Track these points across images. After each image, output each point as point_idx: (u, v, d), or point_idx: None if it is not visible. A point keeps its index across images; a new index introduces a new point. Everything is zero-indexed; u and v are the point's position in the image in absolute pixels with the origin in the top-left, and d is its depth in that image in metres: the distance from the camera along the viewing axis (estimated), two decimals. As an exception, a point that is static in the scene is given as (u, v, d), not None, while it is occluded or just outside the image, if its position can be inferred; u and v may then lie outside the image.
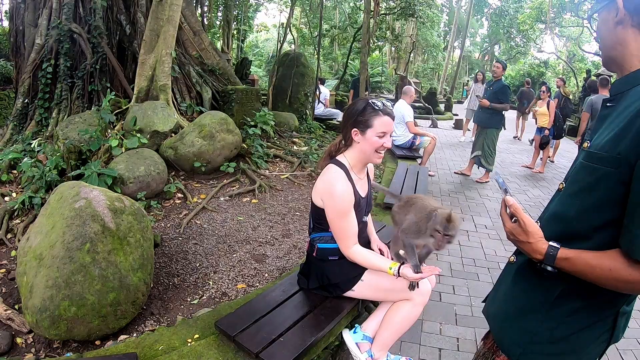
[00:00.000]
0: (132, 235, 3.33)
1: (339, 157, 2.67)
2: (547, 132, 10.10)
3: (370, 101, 2.56)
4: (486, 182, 8.70)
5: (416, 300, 2.62)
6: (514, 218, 1.52)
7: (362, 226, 2.76)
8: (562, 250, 1.42)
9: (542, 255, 1.45)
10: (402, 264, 2.47)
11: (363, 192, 2.71)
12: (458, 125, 17.37)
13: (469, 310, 3.94)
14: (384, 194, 5.84)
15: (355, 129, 2.55)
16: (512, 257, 1.72)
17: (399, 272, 2.43)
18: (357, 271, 2.69)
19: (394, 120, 2.62)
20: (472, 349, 3.38)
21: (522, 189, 8.57)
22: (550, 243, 1.45)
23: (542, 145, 10.23)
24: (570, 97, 14.66)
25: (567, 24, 36.12)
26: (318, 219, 2.68)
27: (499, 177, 1.72)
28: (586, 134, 1.55)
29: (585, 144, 1.48)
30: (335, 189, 2.49)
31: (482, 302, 1.93)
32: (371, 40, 13.43)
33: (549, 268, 1.45)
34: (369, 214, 2.94)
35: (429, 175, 8.55)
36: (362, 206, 2.69)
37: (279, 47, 13.78)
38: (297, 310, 2.72)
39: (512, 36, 44.95)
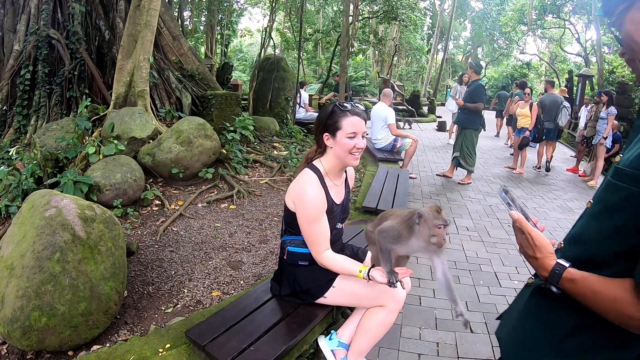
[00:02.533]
0: (103, 244, 3.27)
1: (315, 162, 2.63)
2: (527, 133, 10.13)
3: (337, 103, 2.53)
4: (468, 183, 8.72)
5: (390, 307, 2.58)
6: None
7: (337, 233, 2.72)
8: (570, 270, 1.32)
9: (548, 272, 1.36)
10: (373, 266, 2.42)
11: (338, 199, 2.67)
12: (441, 127, 17.44)
13: (449, 314, 3.90)
14: (362, 197, 5.82)
15: (326, 134, 2.52)
16: (531, 279, 1.57)
17: (369, 276, 2.38)
18: (328, 277, 2.64)
19: (365, 120, 2.58)
20: (452, 354, 3.34)
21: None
22: (559, 261, 1.36)
23: (521, 146, 10.26)
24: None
25: (549, 25, 36.43)
26: (290, 223, 2.65)
27: (502, 192, 1.69)
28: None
29: (616, 158, 1.34)
30: (306, 194, 2.46)
31: (497, 319, 1.78)
32: (351, 43, 13.41)
33: (554, 289, 1.36)
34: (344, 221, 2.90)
35: (410, 177, 8.55)
36: (335, 213, 2.65)
37: (261, 52, 13.73)
38: (269, 318, 2.67)
39: (494, 38, 45.38)
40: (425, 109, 23.56)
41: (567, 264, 1.33)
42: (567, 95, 13.30)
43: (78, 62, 7.80)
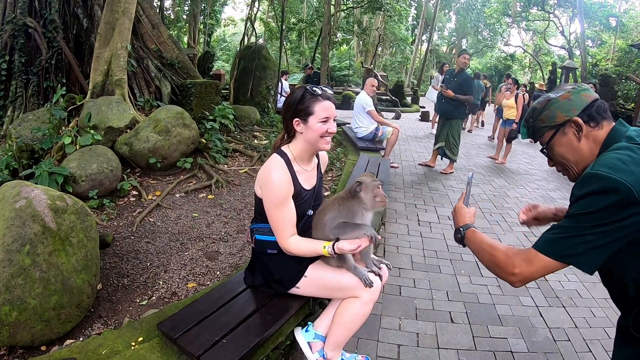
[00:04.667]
0: (74, 235, 3.18)
1: (283, 148, 2.57)
2: (514, 125, 10.12)
3: (307, 87, 2.47)
4: (450, 173, 8.71)
5: (365, 298, 2.52)
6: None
7: (307, 220, 2.66)
8: (472, 229, 2.03)
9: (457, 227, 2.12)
10: (337, 240, 2.37)
11: (308, 184, 2.61)
12: (424, 117, 17.43)
13: (429, 304, 3.88)
14: (342, 186, 5.76)
15: (297, 119, 2.45)
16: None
17: (334, 250, 2.34)
18: (299, 267, 2.58)
19: (335, 104, 2.53)
20: (432, 345, 3.32)
21: (487, 179, 8.60)
22: (468, 223, 2.08)
23: (509, 139, 10.25)
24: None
25: (534, 18, 36.65)
26: (259, 210, 2.58)
27: (470, 175, 2.33)
28: None
29: None
30: (271, 177, 2.40)
31: None
32: (334, 33, 13.31)
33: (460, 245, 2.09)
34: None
35: (392, 167, 8.53)
36: (305, 199, 2.58)
37: (245, 41, 13.60)
38: (243, 310, 2.60)
39: (479, 30, 45.56)
40: (408, 99, 23.62)
41: (473, 227, 2.04)
42: (545, 89, 13.30)
43: (55, 51, 7.66)
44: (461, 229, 2.08)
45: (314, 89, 2.45)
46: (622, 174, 1.46)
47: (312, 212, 2.68)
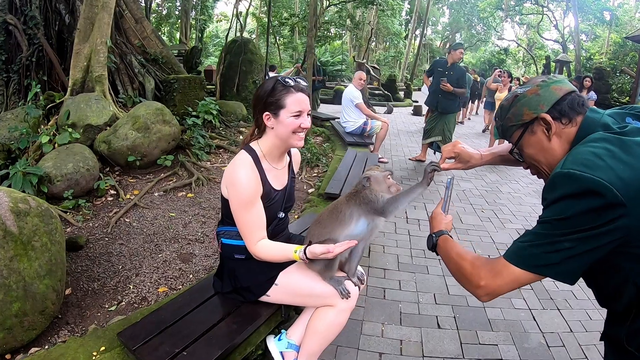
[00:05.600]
0: (37, 239, 3.01)
1: (252, 144, 2.39)
2: None
3: (279, 78, 2.29)
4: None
5: (340, 306, 2.36)
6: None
7: (278, 223, 2.50)
8: (444, 237, 1.87)
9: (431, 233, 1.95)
10: (310, 244, 2.21)
11: (278, 184, 2.44)
12: (417, 111, 17.39)
13: (415, 308, 3.70)
14: (327, 183, 5.60)
15: (267, 113, 2.27)
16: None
17: (306, 255, 2.18)
18: (270, 274, 2.42)
19: (309, 97, 2.35)
20: (416, 353, 3.13)
21: (479, 174, 8.44)
22: (443, 230, 1.92)
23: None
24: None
25: (527, 11, 36.62)
26: (226, 211, 2.40)
27: (449, 180, 2.14)
28: None
29: None
30: (237, 176, 2.22)
31: None
32: (318, 23, 13.11)
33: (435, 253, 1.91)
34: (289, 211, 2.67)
35: (381, 161, 8.42)
36: (275, 200, 2.41)
37: (227, 35, 13.45)
38: (208, 318, 2.43)
39: (473, 24, 45.53)
40: (401, 94, 23.57)
41: (447, 234, 1.89)
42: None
43: (36, 48, 7.52)
44: (433, 235, 1.92)
45: (286, 79, 2.27)
46: (598, 171, 1.26)
47: (283, 214, 2.52)
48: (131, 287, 3.64)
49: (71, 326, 3.19)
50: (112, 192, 5.46)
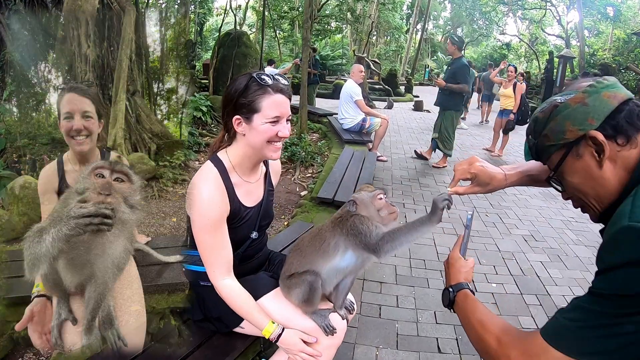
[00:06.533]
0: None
1: (220, 153, 1.96)
2: (512, 116, 9.44)
3: (254, 75, 1.83)
4: (443, 167, 8.20)
5: (325, 343, 1.96)
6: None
7: (251, 244, 2.09)
8: (464, 292, 1.48)
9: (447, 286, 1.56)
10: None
11: (251, 201, 2.03)
12: (418, 107, 17.09)
13: (413, 329, 3.28)
14: (320, 186, 5.17)
15: (238, 117, 1.83)
16: None
17: (278, 338, 1.88)
18: None
19: (290, 98, 1.91)
20: (413, 380, 2.74)
21: (481, 174, 8.03)
22: (462, 283, 1.52)
23: (506, 130, 9.63)
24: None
25: (530, 6, 36.29)
26: (191, 232, 1.97)
27: (470, 216, 1.75)
28: None
29: None
30: (199, 194, 1.80)
31: None
32: (314, 15, 12.73)
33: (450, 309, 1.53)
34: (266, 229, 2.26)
35: (380, 160, 8.07)
36: (246, 219, 2.00)
37: (220, 29, 13.17)
38: (176, 350, 2.06)
39: (474, 19, 45.16)
40: (402, 89, 23.28)
41: (467, 288, 1.49)
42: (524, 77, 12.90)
43: (19, 41, 7.14)
44: (451, 290, 1.53)
45: (263, 76, 1.82)
46: None
47: (257, 234, 2.09)
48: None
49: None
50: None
